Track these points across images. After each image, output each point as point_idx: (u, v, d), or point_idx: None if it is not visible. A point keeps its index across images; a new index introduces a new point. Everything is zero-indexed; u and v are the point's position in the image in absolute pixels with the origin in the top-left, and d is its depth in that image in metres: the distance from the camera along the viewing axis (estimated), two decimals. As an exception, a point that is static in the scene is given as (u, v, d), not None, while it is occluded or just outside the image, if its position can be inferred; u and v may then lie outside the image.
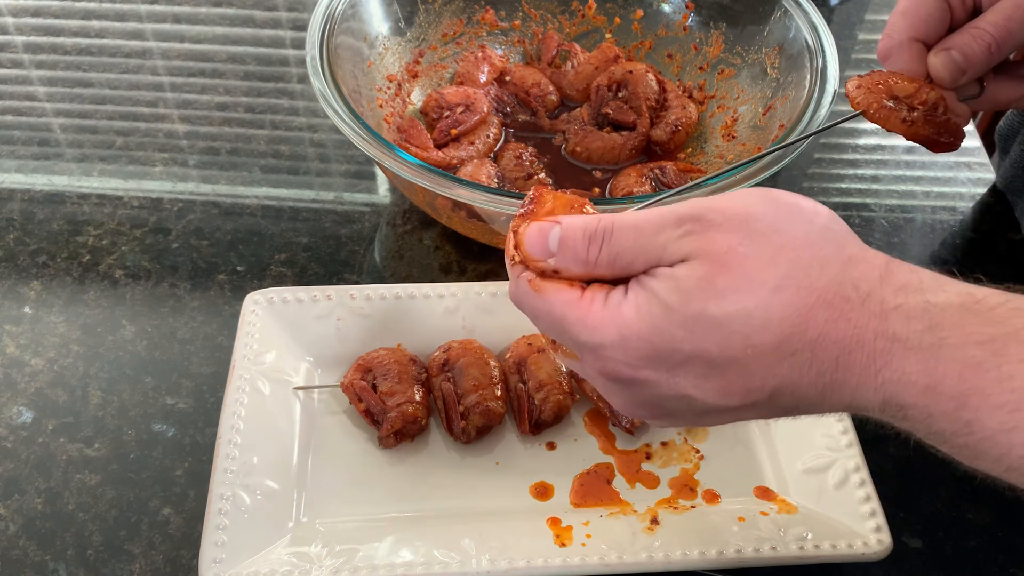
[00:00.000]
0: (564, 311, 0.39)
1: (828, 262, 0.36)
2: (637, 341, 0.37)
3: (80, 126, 0.83)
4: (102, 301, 0.68)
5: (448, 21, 0.83)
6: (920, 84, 0.50)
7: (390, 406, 0.58)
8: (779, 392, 0.37)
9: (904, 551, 0.56)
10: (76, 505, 0.57)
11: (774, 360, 0.36)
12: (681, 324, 0.36)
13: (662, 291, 0.37)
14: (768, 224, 0.37)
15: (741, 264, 0.36)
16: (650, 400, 0.39)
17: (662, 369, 0.37)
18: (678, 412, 0.39)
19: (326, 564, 0.51)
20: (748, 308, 0.35)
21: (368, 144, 0.62)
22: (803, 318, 0.35)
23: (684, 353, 0.36)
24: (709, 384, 0.37)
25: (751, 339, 0.36)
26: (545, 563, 0.51)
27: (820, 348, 0.36)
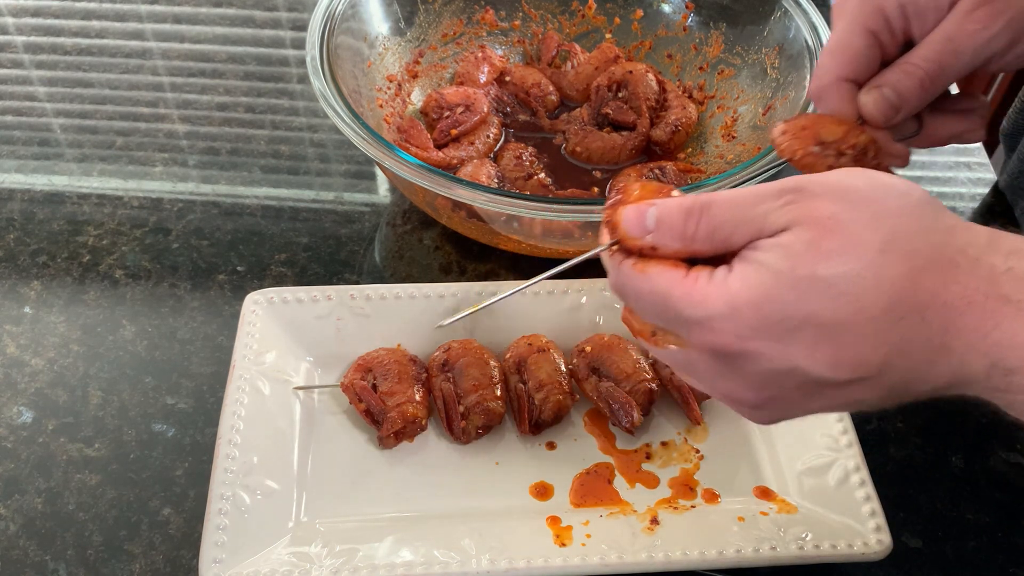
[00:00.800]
0: (669, 288, 0.38)
1: (930, 230, 0.36)
2: (747, 309, 0.36)
3: (80, 126, 0.83)
4: (102, 301, 0.68)
5: (448, 21, 0.83)
6: (850, 127, 0.48)
7: (390, 406, 0.58)
8: (889, 364, 0.36)
9: (904, 551, 0.56)
10: (76, 505, 0.57)
11: (884, 325, 0.35)
12: (791, 287, 0.36)
13: (769, 259, 0.36)
14: (866, 195, 0.37)
15: (845, 227, 0.36)
16: (758, 378, 0.38)
17: (772, 338, 0.36)
18: (786, 392, 0.38)
19: (326, 564, 0.51)
20: (857, 269, 0.35)
21: (368, 144, 0.62)
22: (912, 280, 0.35)
23: (795, 319, 0.36)
24: (820, 353, 0.36)
25: (861, 301, 0.35)
26: (545, 563, 0.51)
27: (930, 311, 0.35)
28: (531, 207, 0.59)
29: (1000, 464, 0.61)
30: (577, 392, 0.61)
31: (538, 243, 0.67)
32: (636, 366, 0.60)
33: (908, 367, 0.36)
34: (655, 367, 0.61)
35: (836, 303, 0.35)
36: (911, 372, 0.37)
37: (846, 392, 0.37)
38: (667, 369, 0.61)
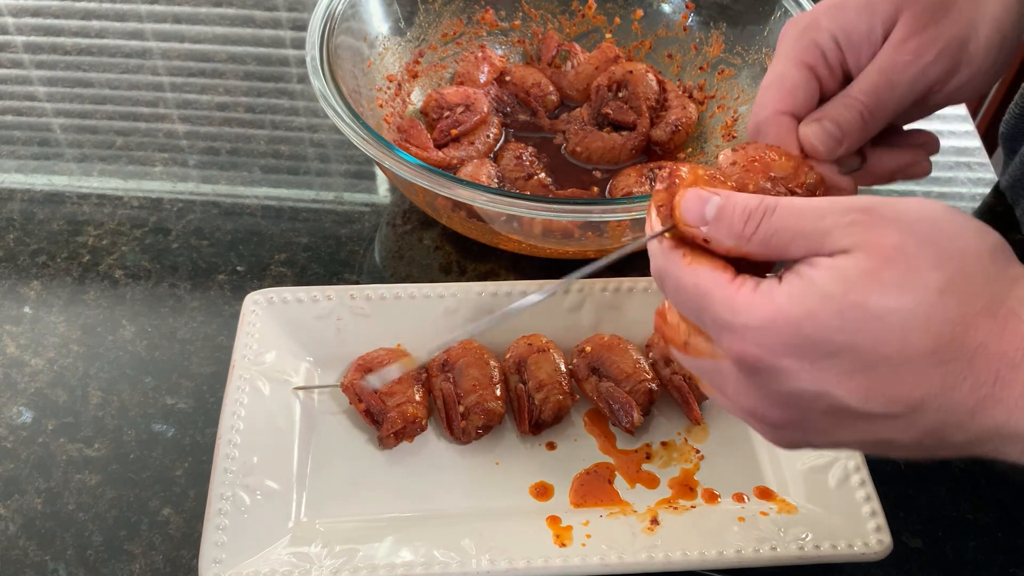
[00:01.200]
0: (712, 288, 0.37)
1: (994, 277, 0.35)
2: (785, 326, 0.35)
3: (80, 126, 0.83)
4: (102, 301, 0.68)
5: (448, 21, 0.83)
6: (798, 162, 0.46)
7: (390, 406, 0.58)
8: (926, 404, 0.35)
9: (904, 551, 0.56)
10: (76, 505, 0.57)
11: (927, 366, 0.34)
12: (838, 313, 0.35)
13: (822, 280, 0.35)
14: (940, 230, 0.35)
15: (909, 261, 0.35)
16: (784, 397, 0.37)
17: (806, 359, 0.35)
18: (812, 417, 0.37)
19: (326, 564, 0.51)
20: (911, 306, 0.34)
21: (368, 144, 0.62)
22: (965, 326, 0.34)
23: (835, 344, 0.35)
24: (853, 382, 0.35)
25: (908, 339, 0.34)
26: (545, 563, 0.51)
27: (980, 359, 0.34)
28: (531, 207, 0.59)
29: (1000, 464, 0.60)
30: (577, 392, 0.61)
31: (538, 243, 0.67)
32: (636, 366, 0.60)
33: (947, 411, 0.35)
34: (655, 367, 0.61)
35: (880, 337, 0.34)
36: (950, 416, 0.35)
37: (876, 427, 0.36)
38: (667, 369, 0.61)
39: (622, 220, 0.60)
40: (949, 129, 0.85)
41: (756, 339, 0.36)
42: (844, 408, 0.36)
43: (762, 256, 0.38)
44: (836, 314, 0.35)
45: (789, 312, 0.35)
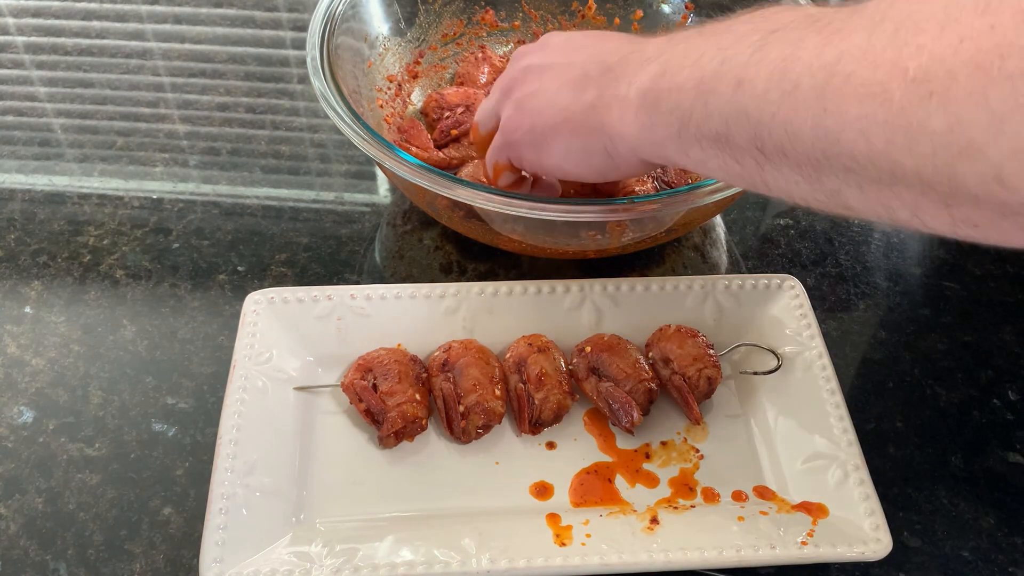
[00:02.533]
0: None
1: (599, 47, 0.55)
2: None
3: (81, 126, 0.83)
4: (103, 301, 0.68)
5: (448, 21, 0.83)
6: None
7: (390, 406, 0.58)
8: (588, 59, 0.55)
9: (904, 551, 0.56)
10: (77, 505, 0.57)
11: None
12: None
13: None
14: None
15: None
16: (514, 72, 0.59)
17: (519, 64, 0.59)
18: (521, 77, 0.58)
19: (326, 563, 0.51)
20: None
21: (368, 144, 0.62)
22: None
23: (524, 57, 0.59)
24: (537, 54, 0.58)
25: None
26: (545, 563, 0.51)
27: (617, 68, 0.52)
28: (531, 207, 0.59)
29: (1000, 464, 0.61)
30: (577, 392, 0.61)
31: (538, 243, 0.67)
32: (636, 366, 0.60)
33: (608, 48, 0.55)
34: (655, 367, 0.61)
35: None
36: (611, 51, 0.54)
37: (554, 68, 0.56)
38: (667, 369, 0.61)
39: (622, 220, 0.60)
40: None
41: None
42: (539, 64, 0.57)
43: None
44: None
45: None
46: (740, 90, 0.41)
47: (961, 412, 0.63)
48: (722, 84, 0.42)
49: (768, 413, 0.60)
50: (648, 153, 0.50)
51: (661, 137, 0.48)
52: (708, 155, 0.45)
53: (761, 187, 0.44)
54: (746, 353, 0.63)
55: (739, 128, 0.42)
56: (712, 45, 0.44)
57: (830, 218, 0.77)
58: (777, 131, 0.39)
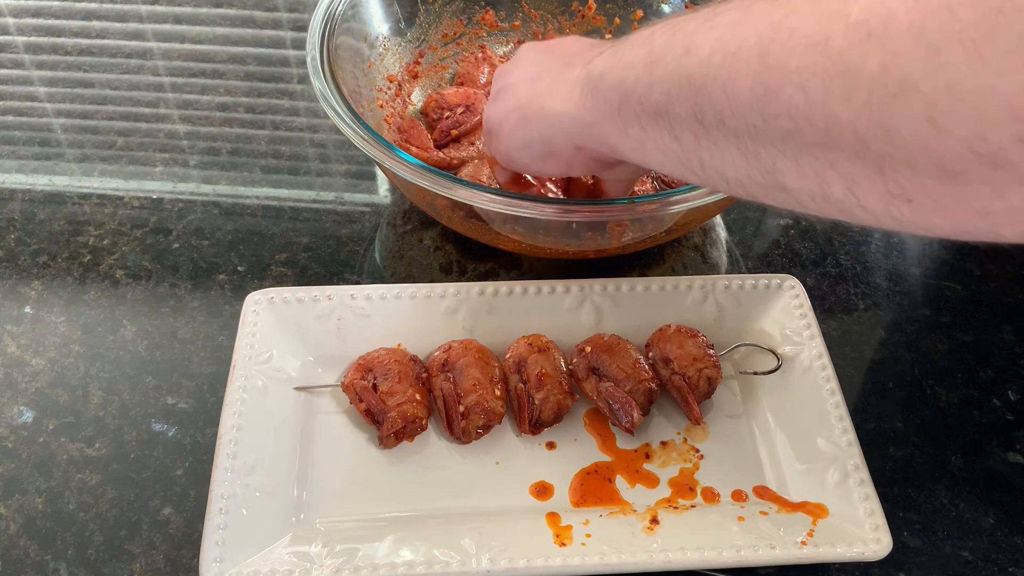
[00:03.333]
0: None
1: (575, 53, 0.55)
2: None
3: (81, 126, 0.83)
4: (103, 301, 0.68)
5: (448, 22, 0.83)
6: None
7: (390, 406, 0.58)
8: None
9: (904, 551, 0.56)
10: (77, 505, 0.57)
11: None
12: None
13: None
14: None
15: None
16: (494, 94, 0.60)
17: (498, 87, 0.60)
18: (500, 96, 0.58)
19: (326, 563, 0.51)
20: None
21: (368, 144, 0.62)
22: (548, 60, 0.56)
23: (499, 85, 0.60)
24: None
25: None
26: (545, 563, 0.51)
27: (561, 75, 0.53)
28: (531, 207, 0.59)
29: (1000, 464, 0.61)
30: (577, 392, 0.61)
31: (538, 243, 0.67)
32: (636, 366, 0.60)
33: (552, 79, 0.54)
34: (655, 367, 0.61)
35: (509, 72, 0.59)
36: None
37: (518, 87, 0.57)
38: (667, 369, 0.61)
39: (622, 220, 0.60)
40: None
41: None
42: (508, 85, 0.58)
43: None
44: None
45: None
46: (685, 58, 0.40)
47: (961, 412, 0.63)
48: (668, 55, 0.42)
49: (768, 413, 0.60)
50: (583, 137, 0.50)
51: (600, 116, 0.47)
52: (647, 133, 0.45)
53: (697, 169, 0.43)
54: (746, 353, 0.63)
55: (680, 97, 0.41)
56: (668, 24, 0.44)
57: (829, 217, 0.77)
58: (717, 95, 0.39)
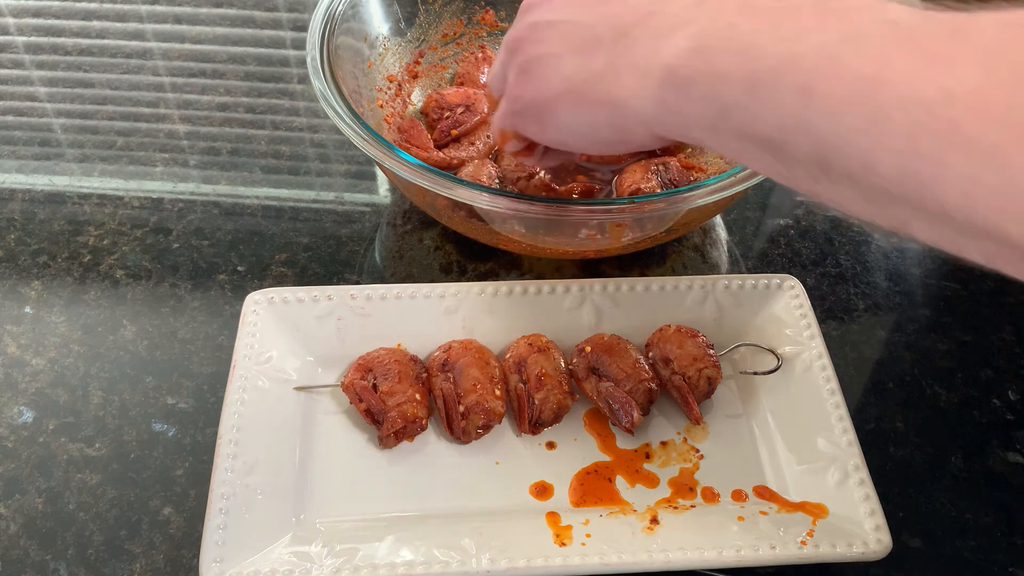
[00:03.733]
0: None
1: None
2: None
3: (81, 126, 0.83)
4: (103, 301, 0.68)
5: (448, 22, 0.83)
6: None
7: (390, 406, 0.58)
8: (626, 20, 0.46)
9: (904, 551, 0.56)
10: (77, 505, 0.57)
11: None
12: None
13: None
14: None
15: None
16: (528, 26, 0.52)
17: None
18: (546, 37, 0.51)
19: (326, 563, 0.51)
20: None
21: (368, 144, 0.62)
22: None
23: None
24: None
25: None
26: (545, 562, 0.51)
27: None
28: (531, 207, 0.59)
29: (1000, 464, 0.61)
30: (577, 392, 0.61)
31: (538, 243, 0.67)
32: (636, 366, 0.60)
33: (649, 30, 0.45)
34: (655, 367, 0.61)
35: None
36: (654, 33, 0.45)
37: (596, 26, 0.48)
38: (667, 369, 0.61)
39: (622, 220, 0.60)
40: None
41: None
42: (559, 19, 0.50)
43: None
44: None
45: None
46: (806, 100, 0.36)
47: (961, 412, 0.63)
48: (781, 86, 0.37)
49: (768, 413, 0.60)
50: (668, 131, 0.45)
51: (689, 121, 0.43)
52: (749, 153, 0.40)
53: (808, 194, 0.40)
54: (746, 353, 0.63)
55: (799, 141, 0.37)
56: (765, 31, 0.38)
57: (830, 218, 0.77)
58: (850, 159, 0.35)
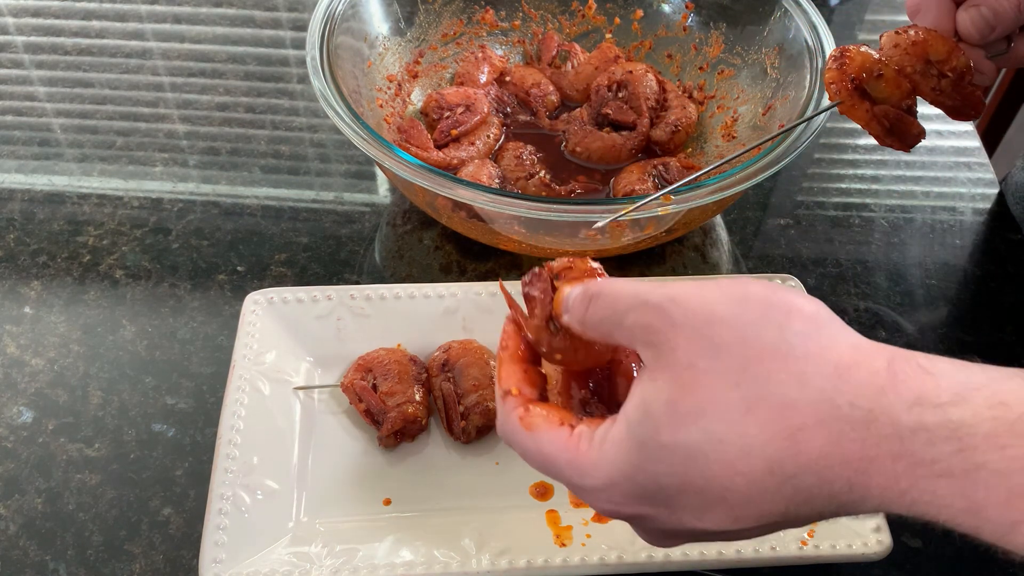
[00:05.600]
0: (555, 454, 0.37)
1: (808, 376, 0.33)
2: (624, 483, 0.35)
3: (80, 126, 0.83)
4: (102, 301, 0.68)
5: (448, 21, 0.83)
6: (952, 47, 0.50)
7: (390, 406, 0.58)
8: (793, 511, 0.34)
9: (904, 551, 0.56)
10: (76, 505, 0.57)
11: (772, 485, 0.33)
12: (656, 459, 0.34)
13: (634, 422, 0.35)
14: (733, 332, 0.34)
15: (703, 384, 0.33)
16: (664, 532, 0.37)
17: (659, 505, 0.35)
18: (702, 538, 0.37)
19: (326, 564, 0.51)
20: (719, 434, 0.33)
21: (368, 144, 0.62)
22: (792, 440, 0.32)
23: (672, 488, 0.34)
24: (711, 515, 0.35)
25: (735, 466, 0.33)
26: (545, 563, 0.51)
27: (826, 470, 0.32)
28: (532, 207, 0.59)
29: (1000, 464, 0.61)
30: (577, 392, 0.61)
31: (538, 243, 0.67)
32: (636, 366, 0.60)
33: (818, 511, 0.34)
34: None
35: (707, 472, 0.33)
36: (825, 513, 0.34)
37: (761, 531, 0.36)
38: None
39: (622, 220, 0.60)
40: (948, 129, 0.85)
41: (607, 498, 0.37)
42: (722, 532, 0.35)
43: (602, 340, 0.38)
44: (655, 460, 0.34)
45: (623, 469, 0.35)
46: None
47: (961, 412, 0.63)
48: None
49: (768, 413, 0.60)
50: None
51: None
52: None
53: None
54: (746, 353, 0.63)
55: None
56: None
57: (830, 218, 0.77)
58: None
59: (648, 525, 0.37)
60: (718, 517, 0.35)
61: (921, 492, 0.31)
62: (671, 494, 0.35)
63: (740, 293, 0.35)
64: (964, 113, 0.52)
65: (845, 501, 0.33)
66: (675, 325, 0.34)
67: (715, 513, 0.34)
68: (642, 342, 0.35)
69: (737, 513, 0.34)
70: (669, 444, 0.34)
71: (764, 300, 0.34)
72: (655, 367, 0.35)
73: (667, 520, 0.36)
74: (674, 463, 0.34)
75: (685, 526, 0.35)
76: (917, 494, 0.31)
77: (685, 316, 0.34)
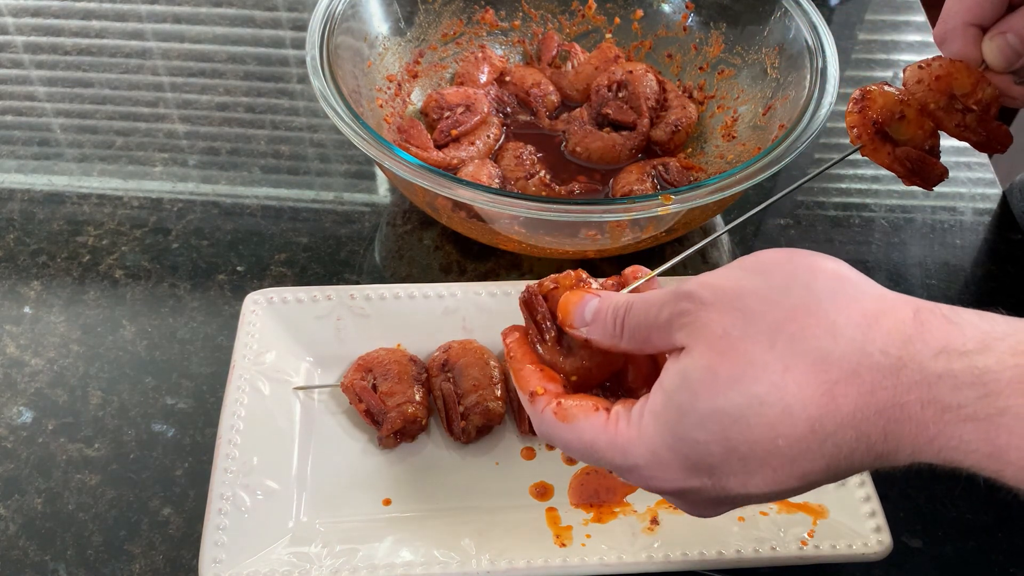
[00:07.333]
0: (594, 438, 0.38)
1: (839, 327, 0.34)
2: (667, 455, 0.36)
3: (80, 126, 0.83)
4: (102, 301, 0.68)
5: (448, 21, 0.83)
6: (977, 78, 0.49)
7: (390, 406, 0.58)
8: (834, 466, 0.34)
9: (904, 551, 0.56)
10: (76, 505, 0.57)
11: (814, 443, 0.34)
12: (699, 426, 0.35)
13: (673, 392, 0.35)
14: (761, 298, 0.35)
15: (740, 349, 0.34)
16: (710, 501, 0.38)
17: (703, 475, 0.36)
18: (747, 502, 0.37)
19: (326, 564, 0.51)
20: (760, 395, 0.33)
21: (368, 144, 0.62)
22: (830, 395, 0.33)
23: (716, 455, 0.35)
24: (756, 479, 0.35)
25: (777, 428, 0.34)
26: (545, 563, 0.51)
27: (863, 422, 0.33)
28: (532, 207, 0.59)
29: (1000, 464, 0.61)
30: (577, 392, 0.61)
31: (538, 243, 0.67)
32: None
33: (857, 464, 0.35)
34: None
35: (751, 436, 0.34)
36: (863, 466, 0.35)
37: (803, 489, 0.36)
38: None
39: (622, 220, 0.60)
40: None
41: (652, 474, 0.37)
42: (765, 494, 0.36)
43: (637, 350, 0.39)
44: (698, 427, 0.35)
45: (664, 440, 0.36)
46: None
47: (961, 412, 0.63)
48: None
49: (768, 413, 0.60)
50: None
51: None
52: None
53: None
54: (746, 353, 0.63)
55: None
56: None
57: (830, 218, 0.77)
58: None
59: (693, 498, 0.38)
60: (763, 480, 0.35)
61: (948, 438, 0.32)
62: (714, 462, 0.35)
63: (762, 264, 0.36)
64: (991, 147, 0.51)
65: (882, 452, 0.33)
66: (706, 304, 0.36)
67: (760, 477, 0.35)
68: (677, 327, 0.36)
69: (781, 475, 0.35)
70: (709, 410, 0.34)
71: (787, 265, 0.36)
72: (690, 342, 0.35)
73: (712, 489, 0.36)
74: (716, 430, 0.34)
75: (730, 492, 0.36)
76: (944, 440, 0.32)
77: (715, 295, 0.36)
